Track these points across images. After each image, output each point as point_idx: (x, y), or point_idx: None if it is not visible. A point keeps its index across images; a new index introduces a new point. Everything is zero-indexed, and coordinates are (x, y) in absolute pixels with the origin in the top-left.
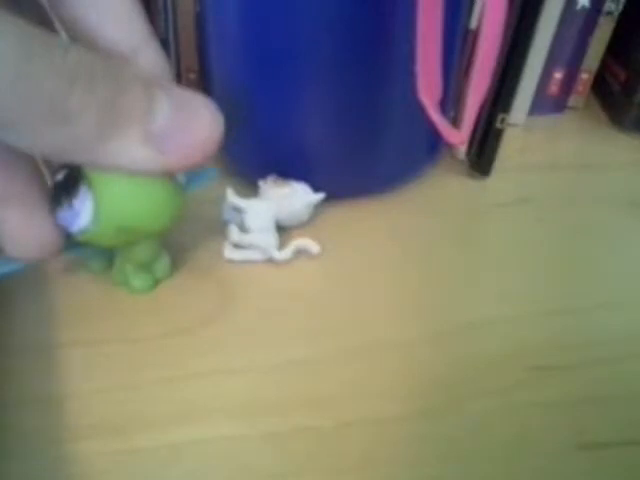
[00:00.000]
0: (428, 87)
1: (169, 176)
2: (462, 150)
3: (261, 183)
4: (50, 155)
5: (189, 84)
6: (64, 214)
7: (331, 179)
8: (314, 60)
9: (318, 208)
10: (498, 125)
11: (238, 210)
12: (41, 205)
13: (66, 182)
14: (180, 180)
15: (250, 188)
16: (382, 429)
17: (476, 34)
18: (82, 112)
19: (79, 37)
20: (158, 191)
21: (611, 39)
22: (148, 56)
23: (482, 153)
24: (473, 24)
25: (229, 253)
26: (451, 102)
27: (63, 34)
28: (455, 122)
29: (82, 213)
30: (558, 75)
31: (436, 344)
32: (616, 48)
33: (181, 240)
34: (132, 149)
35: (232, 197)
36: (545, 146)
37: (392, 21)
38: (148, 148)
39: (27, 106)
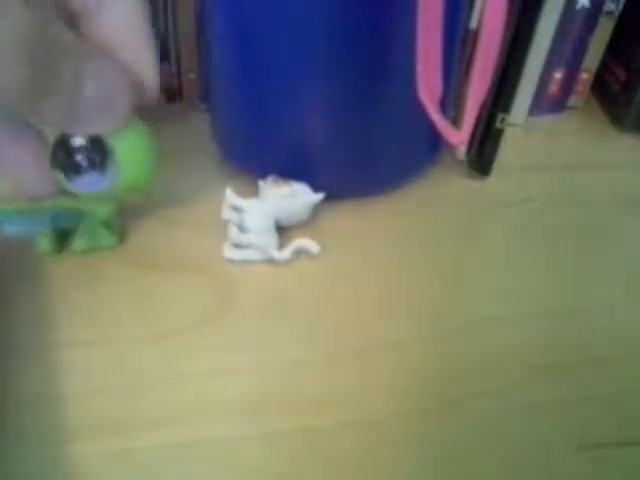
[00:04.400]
0: (428, 87)
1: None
2: (462, 150)
3: (261, 183)
4: None
5: (189, 84)
6: (90, 178)
7: (331, 179)
8: (314, 60)
9: (318, 208)
10: (498, 125)
11: (238, 210)
12: (45, 164)
13: (91, 148)
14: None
15: (250, 188)
16: (382, 429)
17: (476, 34)
18: (23, 69)
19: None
20: (154, 153)
21: (611, 39)
22: (141, 64)
23: (482, 153)
24: (473, 24)
25: (229, 253)
26: (451, 102)
27: None
28: (455, 122)
29: (108, 177)
30: (558, 75)
31: (436, 344)
32: (616, 48)
33: (181, 239)
34: (55, 112)
35: (232, 197)
36: (545, 146)
37: (392, 21)
38: (66, 114)
39: None
